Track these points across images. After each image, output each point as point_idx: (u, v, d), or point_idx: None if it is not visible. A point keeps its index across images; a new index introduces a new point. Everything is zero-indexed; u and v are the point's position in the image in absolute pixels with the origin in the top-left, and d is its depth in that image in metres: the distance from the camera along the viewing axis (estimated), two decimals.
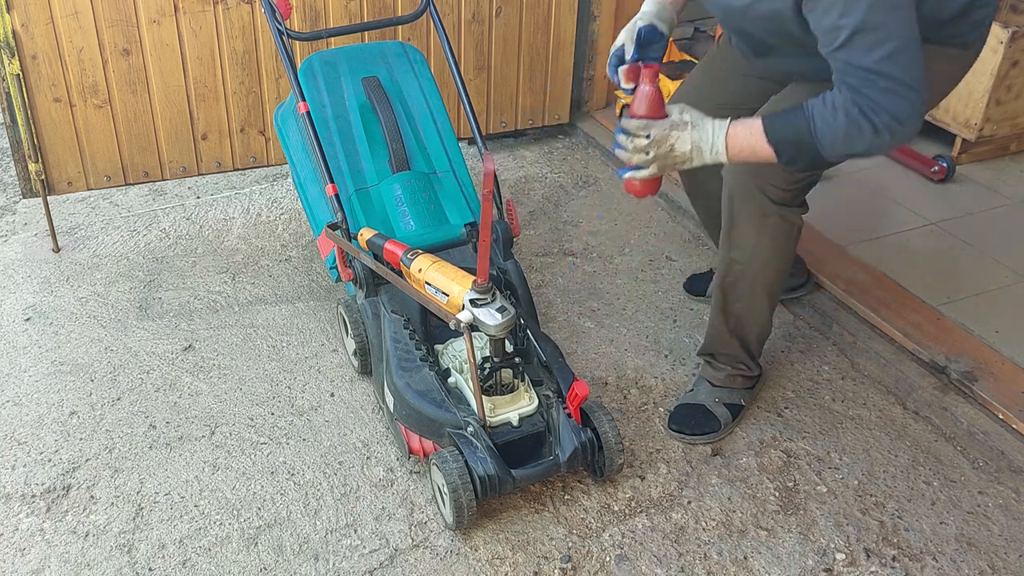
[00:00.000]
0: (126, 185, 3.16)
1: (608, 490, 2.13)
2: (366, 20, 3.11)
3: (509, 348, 2.06)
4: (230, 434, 2.27)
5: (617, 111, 3.74)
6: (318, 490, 2.12)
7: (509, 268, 2.34)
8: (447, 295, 1.98)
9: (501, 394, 2.05)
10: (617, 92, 3.75)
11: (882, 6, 1.65)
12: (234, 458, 2.20)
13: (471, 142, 2.57)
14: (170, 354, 2.52)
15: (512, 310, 1.94)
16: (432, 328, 2.26)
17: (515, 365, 2.06)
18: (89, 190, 3.08)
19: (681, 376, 2.50)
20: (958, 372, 2.43)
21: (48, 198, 2.94)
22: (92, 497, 2.09)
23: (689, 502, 2.11)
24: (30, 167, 2.89)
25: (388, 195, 2.39)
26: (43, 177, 2.90)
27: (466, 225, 2.37)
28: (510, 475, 1.95)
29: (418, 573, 1.93)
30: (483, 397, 2.00)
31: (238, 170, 3.28)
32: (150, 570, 1.93)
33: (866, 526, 2.07)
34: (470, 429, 1.98)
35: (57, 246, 2.98)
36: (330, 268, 2.46)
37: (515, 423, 2.02)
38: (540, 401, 2.06)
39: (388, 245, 2.15)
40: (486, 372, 2.04)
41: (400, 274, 2.13)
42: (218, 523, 2.04)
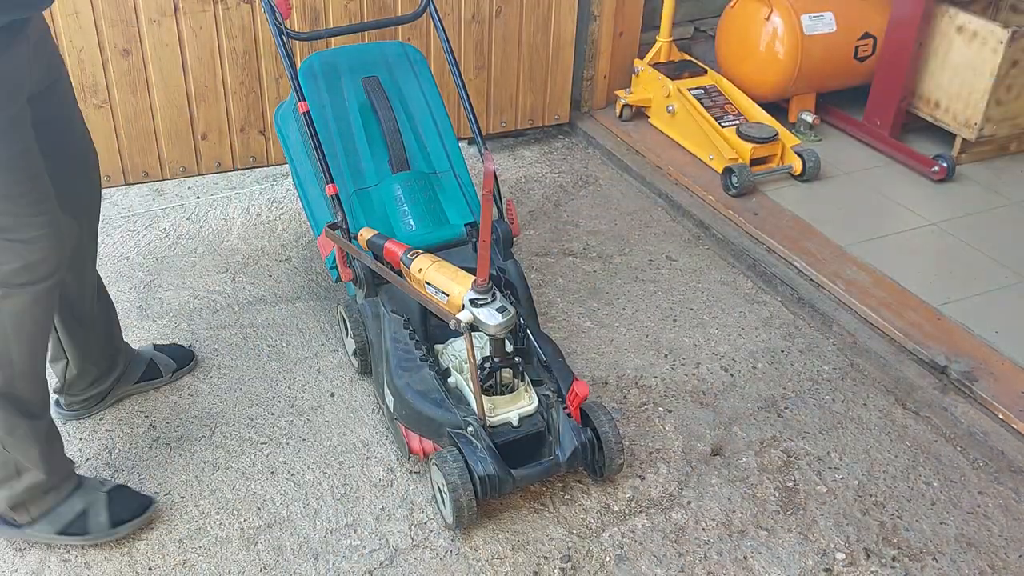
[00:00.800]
0: (126, 185, 3.16)
1: (608, 490, 2.13)
2: (366, 20, 3.11)
3: (509, 348, 2.06)
4: (230, 434, 2.27)
5: (617, 111, 3.73)
6: (318, 490, 2.12)
7: (509, 268, 2.34)
8: (447, 295, 1.97)
9: (501, 394, 2.05)
10: (617, 92, 3.75)
11: None
12: (234, 458, 2.20)
13: (471, 142, 2.57)
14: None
15: (512, 310, 1.94)
16: (432, 328, 2.26)
17: (515, 365, 2.05)
18: None
19: (681, 376, 2.50)
20: (958, 372, 2.43)
21: None
22: None
23: (689, 502, 2.11)
24: None
25: (388, 195, 2.39)
26: None
27: (466, 225, 2.37)
28: (510, 475, 1.94)
29: (418, 573, 1.93)
30: (483, 397, 2.00)
31: (238, 170, 3.28)
32: (150, 570, 1.93)
33: (866, 526, 2.07)
34: (470, 429, 1.98)
35: None
36: (330, 268, 2.46)
37: (515, 423, 2.02)
38: (540, 401, 2.06)
39: (388, 245, 2.15)
40: (486, 372, 2.04)
41: (400, 274, 2.13)
42: (218, 523, 2.04)
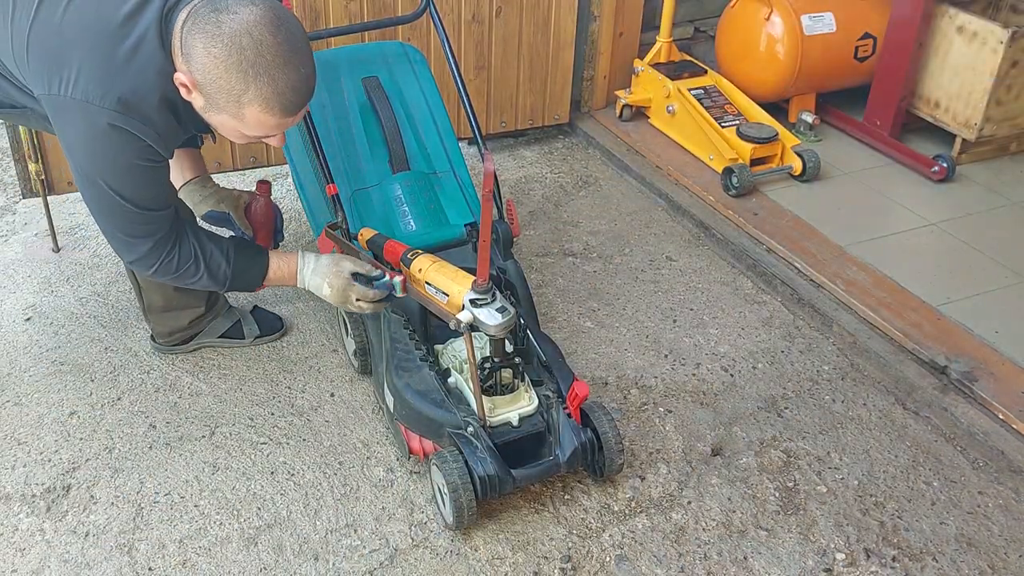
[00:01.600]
0: None
1: (608, 490, 2.12)
2: (366, 20, 3.11)
3: (509, 348, 2.06)
4: (230, 434, 2.27)
5: (617, 111, 3.73)
6: (318, 490, 2.12)
7: (509, 268, 2.34)
8: (447, 295, 1.97)
9: (501, 394, 2.05)
10: (617, 92, 3.75)
11: None
12: (234, 458, 2.20)
13: (471, 142, 2.57)
14: (170, 354, 2.52)
15: (512, 310, 1.94)
16: (432, 328, 2.26)
17: (515, 365, 2.05)
18: None
19: (681, 376, 2.50)
20: (958, 372, 2.43)
21: (48, 198, 2.94)
22: (92, 497, 2.09)
23: (689, 502, 2.11)
24: (30, 167, 2.89)
25: (388, 195, 2.39)
26: (43, 177, 2.90)
27: (466, 225, 2.37)
28: (510, 475, 1.94)
29: (418, 573, 1.93)
30: (483, 397, 2.00)
31: (238, 170, 3.28)
32: (150, 570, 1.93)
33: (866, 526, 2.07)
34: (470, 429, 1.98)
35: (57, 246, 2.98)
36: None
37: (515, 423, 2.02)
38: (540, 401, 2.05)
39: (388, 245, 2.15)
40: (486, 372, 2.03)
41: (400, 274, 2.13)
42: (218, 523, 2.04)
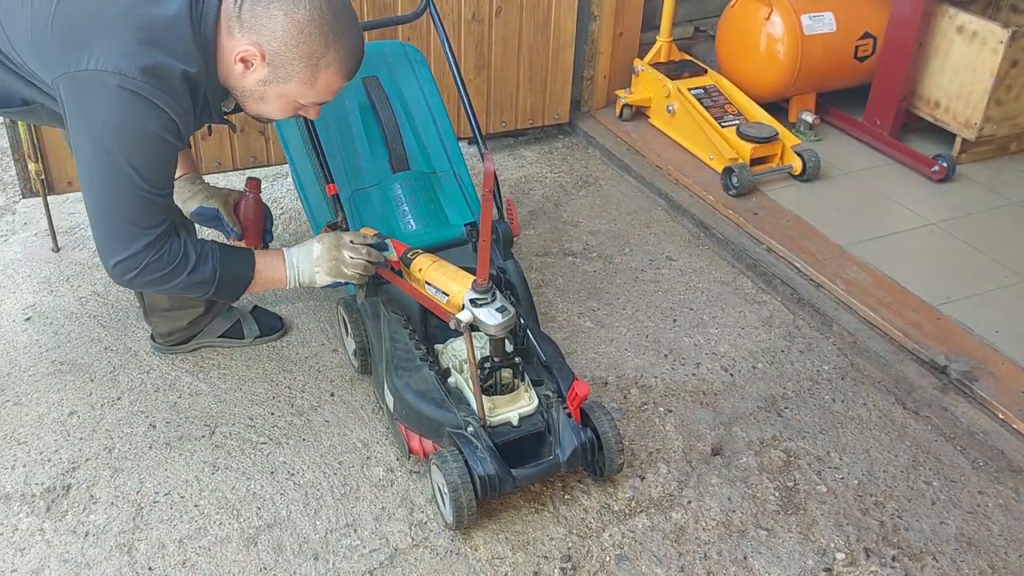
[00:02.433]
0: None
1: (608, 490, 2.12)
2: (366, 20, 3.11)
3: (509, 348, 2.06)
4: (230, 434, 2.27)
5: (617, 111, 3.73)
6: (318, 490, 2.12)
7: (509, 268, 2.34)
8: (447, 295, 1.97)
9: (501, 394, 2.05)
10: (617, 92, 3.75)
11: None
12: (234, 458, 2.20)
13: (471, 142, 2.57)
14: (170, 354, 2.52)
15: (512, 310, 1.94)
16: (432, 328, 2.26)
17: (515, 365, 2.05)
18: None
19: (681, 376, 2.50)
20: (958, 372, 2.43)
21: (48, 198, 2.94)
22: (92, 497, 2.09)
23: (689, 502, 2.11)
24: (30, 167, 2.89)
25: (388, 195, 2.39)
26: (43, 177, 2.90)
27: (466, 225, 2.37)
28: (510, 475, 1.94)
29: (418, 573, 1.93)
30: (483, 397, 2.00)
31: (238, 169, 3.28)
32: (150, 570, 1.93)
33: (866, 526, 2.07)
34: (470, 429, 1.98)
35: (57, 246, 2.98)
36: None
37: (515, 423, 2.02)
38: (540, 401, 2.05)
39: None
40: (486, 372, 2.03)
41: (400, 274, 2.13)
42: (218, 523, 2.04)
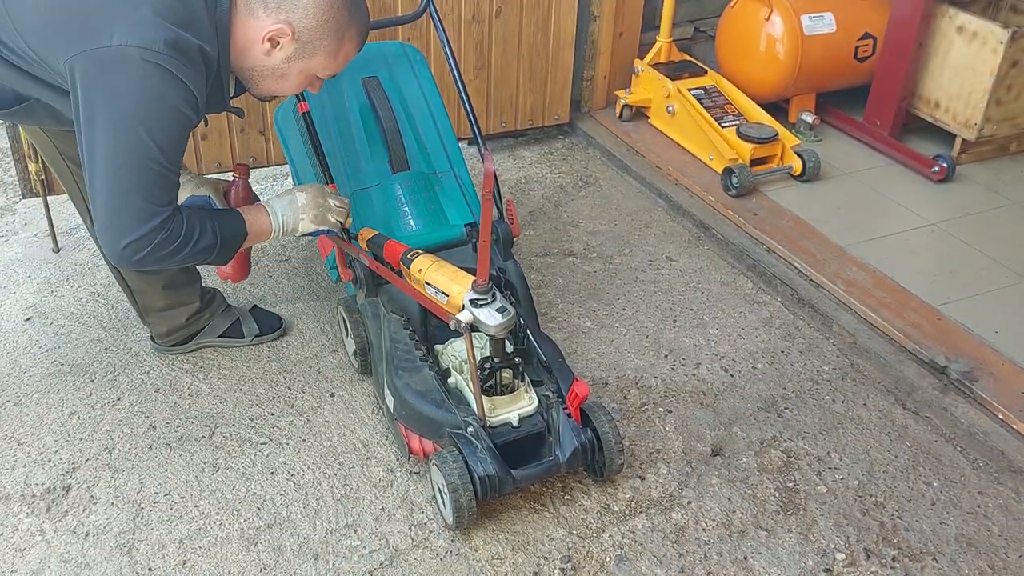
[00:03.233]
0: None
1: (608, 490, 2.12)
2: None
3: (509, 348, 2.06)
4: (230, 434, 2.27)
5: (617, 111, 3.73)
6: (318, 490, 2.12)
7: (509, 268, 2.34)
8: (447, 295, 1.97)
9: (501, 394, 2.05)
10: (617, 92, 3.75)
11: None
12: (234, 458, 2.20)
13: (471, 142, 2.57)
14: (170, 354, 2.52)
15: (512, 310, 1.93)
16: (432, 328, 2.26)
17: (515, 365, 2.05)
18: None
19: (681, 376, 2.50)
20: (958, 372, 2.43)
21: (48, 198, 2.94)
22: (92, 497, 2.09)
23: (689, 502, 2.11)
24: (30, 167, 2.89)
25: (388, 195, 2.39)
26: (43, 177, 2.90)
27: (466, 225, 2.37)
28: (510, 475, 1.94)
29: (418, 573, 1.93)
30: (483, 397, 2.00)
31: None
32: (150, 570, 1.93)
33: (866, 526, 2.07)
34: (470, 429, 1.98)
35: (57, 246, 2.98)
36: (330, 268, 2.46)
37: (515, 423, 2.02)
38: (540, 401, 2.05)
39: (388, 245, 2.15)
40: (486, 372, 2.03)
41: (400, 274, 2.13)
42: (218, 523, 2.04)
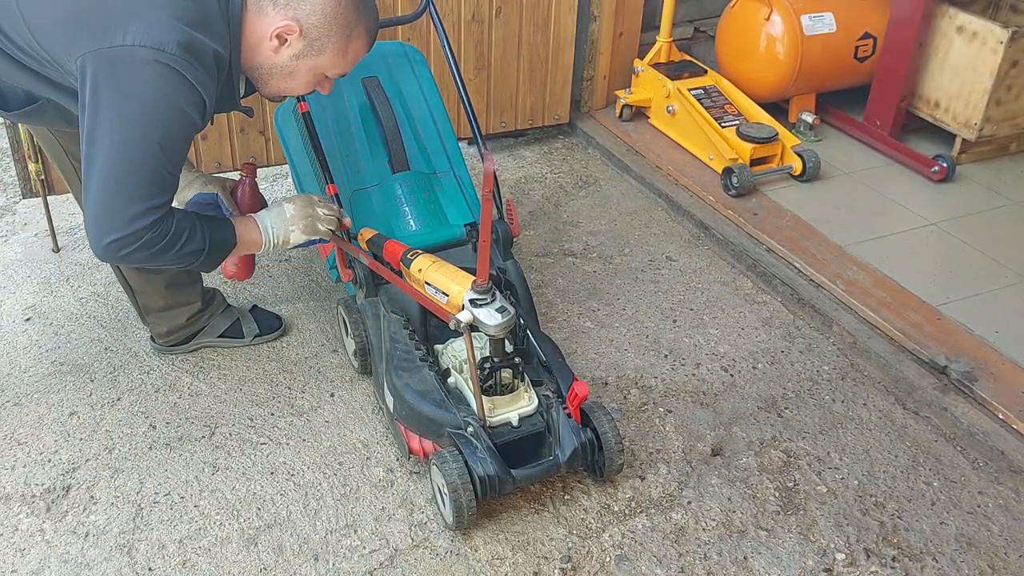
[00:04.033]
0: None
1: (608, 490, 2.12)
2: None
3: (509, 348, 2.06)
4: (230, 434, 2.27)
5: (617, 111, 3.73)
6: (318, 490, 2.12)
7: (509, 268, 2.34)
8: (447, 295, 1.97)
9: (501, 394, 2.05)
10: (617, 92, 3.75)
11: None
12: (234, 459, 2.20)
13: (471, 142, 2.57)
14: (170, 354, 2.52)
15: (512, 310, 1.93)
16: (432, 328, 2.26)
17: (515, 365, 2.05)
18: None
19: (681, 376, 2.50)
20: (958, 372, 2.43)
21: (48, 198, 2.94)
22: (92, 497, 2.09)
23: (689, 502, 2.11)
24: (30, 167, 2.89)
25: (388, 195, 2.39)
26: (43, 177, 2.90)
27: (466, 225, 2.37)
28: (510, 475, 1.94)
29: (418, 573, 1.93)
30: (483, 397, 2.00)
31: (238, 170, 3.27)
32: (150, 570, 1.93)
33: (866, 526, 2.07)
34: (470, 429, 1.98)
35: (57, 246, 2.98)
36: (330, 268, 2.46)
37: (515, 423, 2.02)
38: (540, 401, 2.05)
39: (388, 245, 2.15)
40: (486, 372, 2.03)
41: (400, 274, 2.13)
42: (218, 523, 2.04)
